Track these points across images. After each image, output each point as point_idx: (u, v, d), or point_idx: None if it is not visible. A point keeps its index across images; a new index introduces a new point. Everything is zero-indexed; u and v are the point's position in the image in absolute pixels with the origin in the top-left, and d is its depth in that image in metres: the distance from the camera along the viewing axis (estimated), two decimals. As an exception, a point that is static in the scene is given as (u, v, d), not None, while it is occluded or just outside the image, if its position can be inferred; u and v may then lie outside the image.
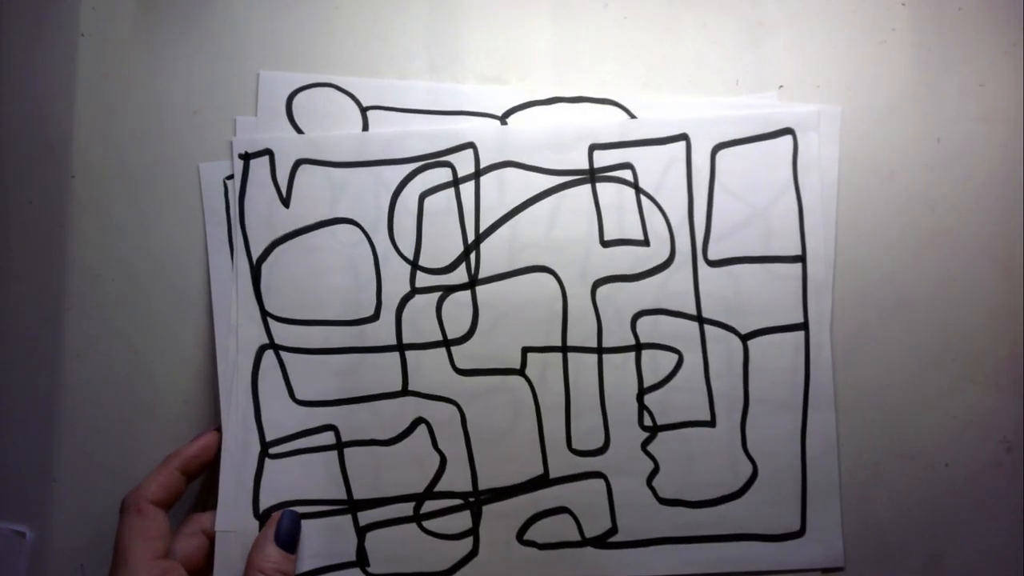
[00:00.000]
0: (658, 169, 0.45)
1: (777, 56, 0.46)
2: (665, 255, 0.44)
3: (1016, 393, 0.44)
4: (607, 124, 0.45)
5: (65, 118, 0.47)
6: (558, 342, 0.44)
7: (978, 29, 0.46)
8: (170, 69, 0.47)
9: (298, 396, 0.45)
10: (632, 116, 0.45)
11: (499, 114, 0.46)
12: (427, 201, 0.45)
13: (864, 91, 0.46)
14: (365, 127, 0.46)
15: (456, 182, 0.45)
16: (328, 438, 0.44)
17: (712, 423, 0.44)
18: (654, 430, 0.44)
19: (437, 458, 0.44)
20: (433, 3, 0.47)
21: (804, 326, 0.44)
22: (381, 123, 0.46)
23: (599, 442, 0.44)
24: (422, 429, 0.44)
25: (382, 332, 0.45)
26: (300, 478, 0.44)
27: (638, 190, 0.45)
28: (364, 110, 0.46)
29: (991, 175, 0.45)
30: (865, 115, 0.45)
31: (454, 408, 0.44)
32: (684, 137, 0.45)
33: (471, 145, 0.45)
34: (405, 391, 0.44)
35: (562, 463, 0.44)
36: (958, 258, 0.45)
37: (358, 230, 0.45)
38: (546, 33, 0.46)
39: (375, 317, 0.45)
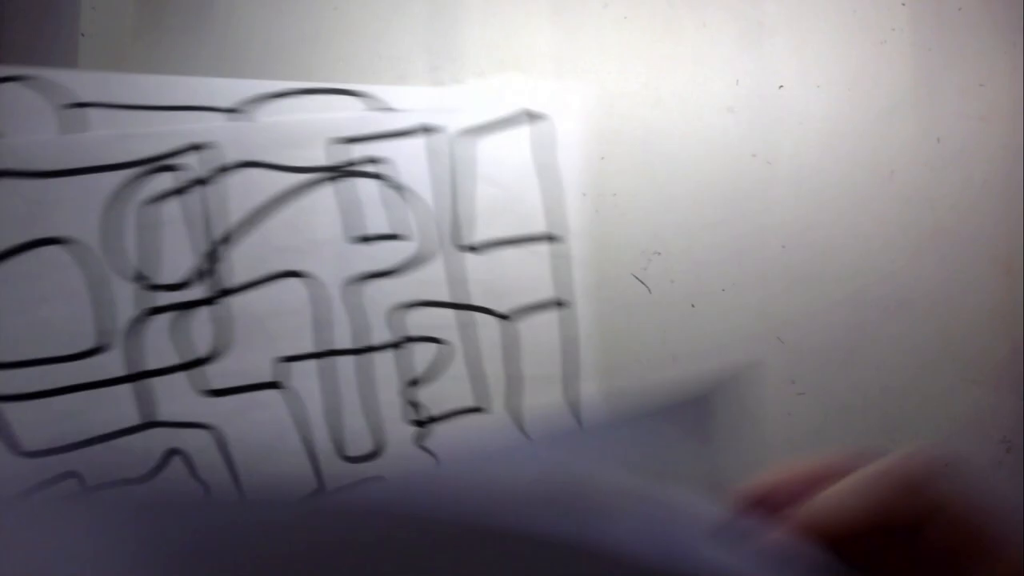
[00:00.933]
0: (406, 160, 0.43)
1: (777, 56, 0.46)
2: (421, 246, 0.43)
3: (1016, 393, 0.44)
4: (350, 117, 0.43)
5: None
6: (316, 348, 0.42)
7: (978, 29, 0.46)
8: (170, 69, 0.47)
9: (26, 447, 0.40)
10: (376, 108, 0.43)
11: (229, 108, 0.42)
12: (152, 211, 0.40)
13: (864, 91, 0.46)
14: (66, 129, 0.40)
15: (185, 187, 0.41)
16: (71, 486, 0.40)
17: (486, 408, 0.43)
18: (427, 423, 0.43)
19: (198, 488, 0.41)
20: (434, 3, 0.47)
21: (567, 302, 0.43)
22: (88, 123, 0.40)
23: (371, 446, 0.42)
24: (177, 461, 0.41)
25: (112, 363, 0.40)
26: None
27: (387, 183, 0.43)
28: (62, 108, 0.40)
29: (991, 175, 0.45)
30: (865, 115, 0.45)
31: (209, 433, 0.41)
32: (431, 127, 0.43)
33: (200, 146, 0.41)
34: (150, 423, 0.41)
35: (337, 473, 0.42)
36: (958, 258, 0.45)
37: (66, 251, 0.40)
38: (545, 32, 0.46)
39: (101, 348, 0.40)
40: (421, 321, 0.43)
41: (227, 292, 0.41)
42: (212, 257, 0.40)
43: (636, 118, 0.46)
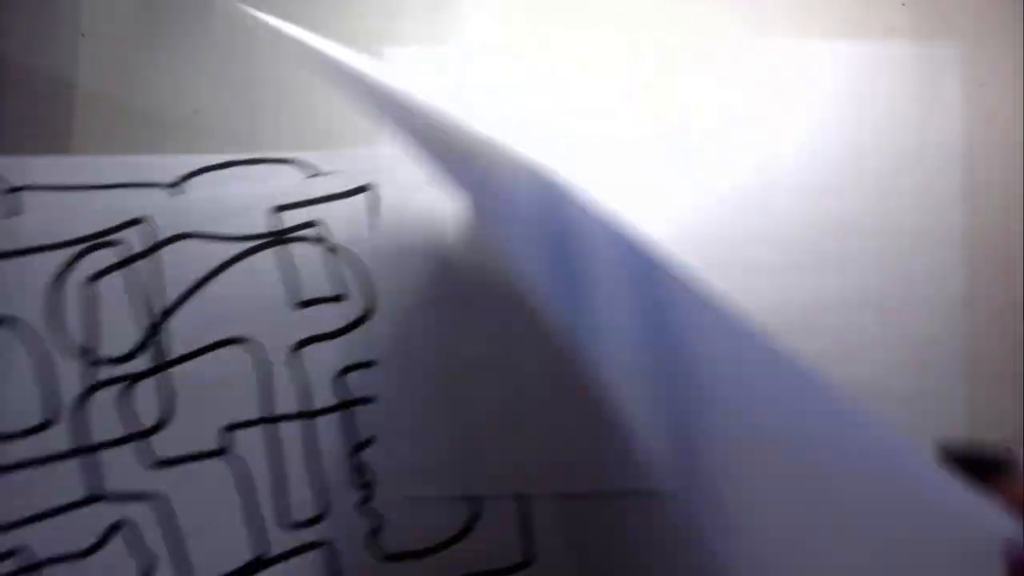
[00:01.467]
0: (345, 223, 0.43)
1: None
2: (362, 307, 0.43)
3: (1016, 393, 0.44)
4: (288, 184, 0.43)
5: (65, 118, 0.47)
6: (261, 414, 0.42)
7: (978, 29, 0.46)
8: (170, 70, 0.47)
9: None
10: (313, 173, 0.44)
11: (168, 183, 0.43)
12: (95, 286, 0.42)
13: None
14: (14, 211, 0.42)
15: (127, 261, 0.42)
16: (20, 561, 0.42)
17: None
18: (372, 486, 0.42)
19: (146, 560, 0.42)
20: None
21: None
22: (24, 206, 0.42)
23: (317, 509, 0.42)
24: (126, 532, 0.42)
25: (60, 438, 0.42)
26: None
27: (327, 246, 0.43)
28: (10, 191, 0.43)
29: (991, 175, 0.45)
30: (865, 115, 0.45)
31: (157, 503, 0.42)
32: (369, 187, 0.44)
33: (140, 220, 0.42)
34: (96, 497, 0.42)
35: (281, 538, 0.42)
36: (958, 258, 0.45)
37: (10, 331, 0.42)
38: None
39: (48, 424, 0.42)
40: (368, 382, 0.43)
41: (171, 363, 0.42)
42: (155, 329, 0.42)
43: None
